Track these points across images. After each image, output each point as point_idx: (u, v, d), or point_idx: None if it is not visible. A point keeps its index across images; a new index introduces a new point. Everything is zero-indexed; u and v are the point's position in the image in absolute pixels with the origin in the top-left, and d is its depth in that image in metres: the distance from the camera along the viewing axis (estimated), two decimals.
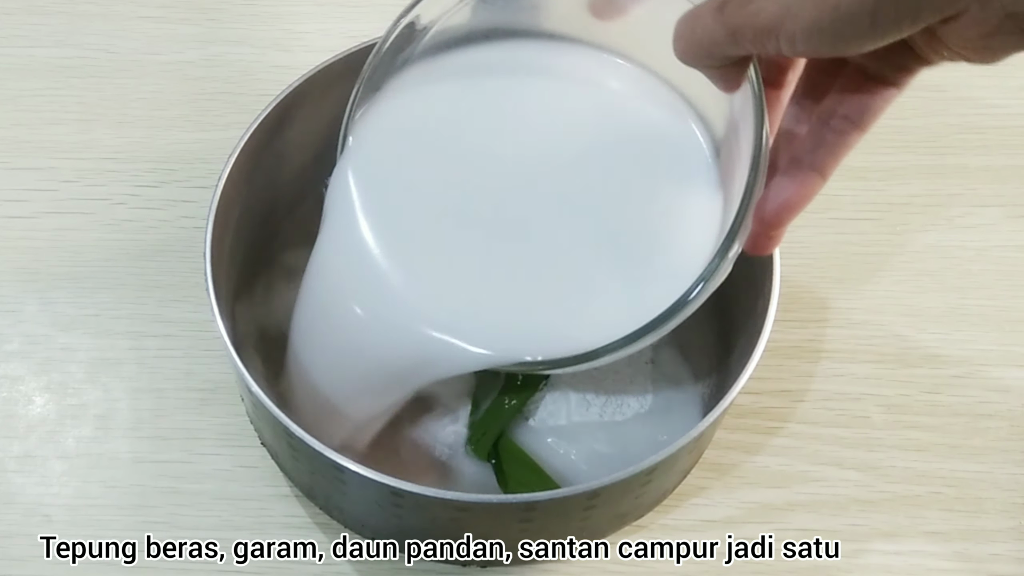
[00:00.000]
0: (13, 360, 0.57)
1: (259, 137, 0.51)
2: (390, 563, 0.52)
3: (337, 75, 0.53)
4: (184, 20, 0.68)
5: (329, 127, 0.56)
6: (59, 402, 0.55)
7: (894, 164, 0.64)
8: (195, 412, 0.55)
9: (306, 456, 0.45)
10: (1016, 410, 0.56)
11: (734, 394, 0.46)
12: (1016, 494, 0.54)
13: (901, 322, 0.59)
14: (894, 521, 0.53)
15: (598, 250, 0.43)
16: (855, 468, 0.54)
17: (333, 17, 0.69)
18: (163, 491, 0.53)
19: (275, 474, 0.53)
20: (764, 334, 0.47)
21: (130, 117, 0.64)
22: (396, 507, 0.45)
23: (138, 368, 0.56)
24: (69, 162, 0.62)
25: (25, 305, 0.58)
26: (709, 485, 0.54)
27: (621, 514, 0.50)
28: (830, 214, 0.62)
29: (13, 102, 0.65)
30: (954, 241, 0.61)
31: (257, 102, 0.52)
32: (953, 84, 0.67)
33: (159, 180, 0.62)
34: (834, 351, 0.58)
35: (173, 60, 0.66)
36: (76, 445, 0.54)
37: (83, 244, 0.60)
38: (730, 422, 0.55)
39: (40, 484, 0.53)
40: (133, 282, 0.59)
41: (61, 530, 0.52)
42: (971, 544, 0.53)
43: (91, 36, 0.67)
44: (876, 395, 0.56)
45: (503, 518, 0.46)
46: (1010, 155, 0.64)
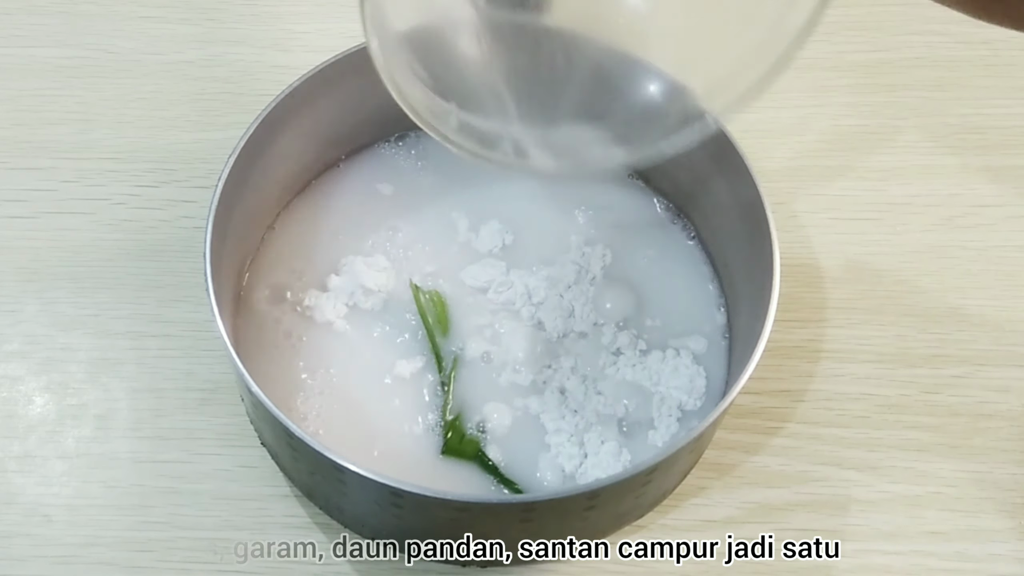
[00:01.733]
0: (13, 360, 0.57)
1: (259, 137, 0.51)
2: (390, 563, 0.52)
3: (337, 75, 0.54)
4: (184, 20, 0.68)
5: (329, 127, 0.56)
6: (59, 402, 0.55)
7: (894, 164, 0.64)
8: (195, 412, 0.55)
9: (306, 456, 0.45)
10: (1016, 410, 0.56)
11: (734, 394, 0.46)
12: (1016, 494, 0.54)
13: (901, 322, 0.59)
14: (894, 521, 0.53)
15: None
16: (855, 468, 0.54)
17: (333, 17, 0.69)
18: (163, 491, 0.53)
19: (275, 474, 0.53)
20: (764, 334, 0.47)
21: (130, 117, 0.64)
22: (396, 507, 0.45)
23: (138, 368, 0.56)
24: (69, 162, 0.62)
25: (25, 305, 0.58)
26: (709, 485, 0.54)
27: (621, 514, 0.50)
28: (830, 214, 0.62)
29: (13, 102, 0.65)
30: (954, 241, 0.61)
31: (257, 102, 0.52)
32: (953, 84, 0.67)
33: (159, 180, 0.62)
34: (834, 351, 0.58)
35: (173, 60, 0.67)
36: (76, 445, 0.54)
37: (83, 244, 0.60)
38: (730, 422, 0.55)
39: (40, 484, 0.53)
40: (133, 282, 0.59)
41: (61, 530, 0.52)
42: (971, 544, 0.53)
43: (91, 36, 0.67)
44: (876, 395, 0.56)
45: (503, 518, 0.46)
46: (1010, 155, 0.64)
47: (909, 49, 0.68)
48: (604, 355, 0.53)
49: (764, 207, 0.50)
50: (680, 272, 0.56)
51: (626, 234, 0.57)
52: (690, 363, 0.53)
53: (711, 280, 0.56)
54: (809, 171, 0.64)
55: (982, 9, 0.37)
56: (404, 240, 0.57)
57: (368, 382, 0.53)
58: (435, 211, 0.58)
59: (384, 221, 0.57)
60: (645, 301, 0.55)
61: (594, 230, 0.57)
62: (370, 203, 0.58)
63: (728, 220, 0.54)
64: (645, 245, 0.57)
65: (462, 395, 0.53)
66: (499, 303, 0.55)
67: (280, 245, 0.56)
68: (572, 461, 0.51)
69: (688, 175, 0.56)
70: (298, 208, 0.58)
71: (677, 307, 0.55)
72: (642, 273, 0.56)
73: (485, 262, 0.56)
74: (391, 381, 0.53)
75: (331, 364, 0.53)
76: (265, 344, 0.53)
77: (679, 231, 0.58)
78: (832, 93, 0.66)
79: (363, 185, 0.58)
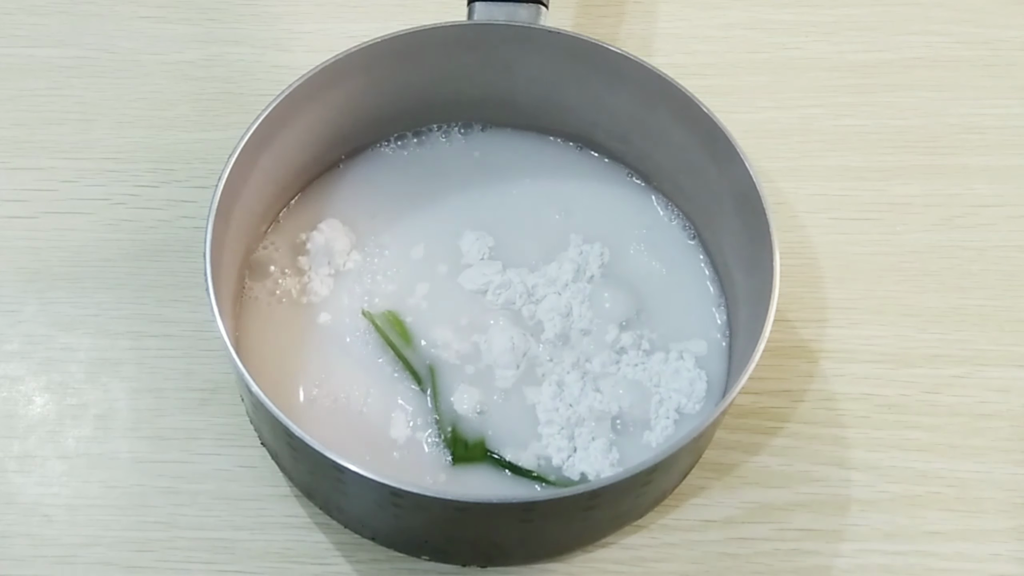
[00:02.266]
0: (13, 360, 0.57)
1: (259, 137, 0.51)
2: (390, 563, 0.52)
3: (337, 75, 0.54)
4: (184, 20, 0.68)
5: (329, 127, 0.56)
6: (59, 402, 0.55)
7: (894, 164, 0.64)
8: (195, 412, 0.55)
9: (306, 456, 0.45)
10: (1016, 410, 0.56)
11: (734, 394, 0.46)
12: (1016, 494, 0.54)
13: (901, 322, 0.59)
14: (894, 521, 0.53)
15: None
16: (855, 468, 0.54)
17: (333, 17, 0.69)
18: (163, 491, 0.53)
19: (275, 474, 0.53)
20: (764, 334, 0.47)
21: (130, 117, 0.64)
22: (396, 507, 0.45)
23: (138, 368, 0.56)
24: (69, 162, 0.62)
25: (25, 305, 0.58)
26: (709, 485, 0.54)
27: (621, 514, 0.50)
28: (830, 214, 0.62)
29: (13, 102, 0.65)
30: (954, 241, 0.61)
31: (257, 102, 0.52)
32: (953, 84, 0.67)
33: (159, 180, 0.62)
34: (834, 351, 0.58)
35: (173, 60, 0.66)
36: (76, 445, 0.54)
37: (83, 244, 0.60)
38: (730, 422, 0.55)
39: (40, 484, 0.53)
40: (133, 282, 0.59)
41: (61, 530, 0.52)
42: (971, 544, 0.53)
43: (91, 36, 0.67)
44: (876, 395, 0.56)
45: (503, 518, 0.46)
46: (1010, 155, 0.64)
47: (909, 49, 0.68)
48: (607, 353, 0.53)
49: (764, 207, 0.50)
50: (680, 272, 0.56)
51: (626, 234, 0.57)
52: (692, 366, 0.53)
53: (711, 280, 0.56)
54: (809, 171, 0.63)
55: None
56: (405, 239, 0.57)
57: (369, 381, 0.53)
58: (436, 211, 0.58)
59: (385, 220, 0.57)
60: (645, 301, 0.55)
61: (593, 229, 0.57)
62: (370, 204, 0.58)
63: (728, 220, 0.54)
64: (645, 245, 0.57)
65: (461, 392, 0.52)
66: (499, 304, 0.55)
67: (280, 245, 0.56)
68: (561, 453, 0.51)
69: (688, 175, 0.56)
70: (298, 208, 0.58)
71: (677, 307, 0.55)
72: (642, 273, 0.56)
73: (482, 264, 0.56)
74: (392, 381, 0.53)
75: (331, 364, 0.53)
76: (265, 344, 0.53)
77: (679, 231, 0.58)
78: (832, 93, 0.66)
79: (363, 185, 0.58)
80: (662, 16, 0.69)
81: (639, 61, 0.54)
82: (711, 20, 0.69)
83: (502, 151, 0.60)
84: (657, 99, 0.54)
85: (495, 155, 0.60)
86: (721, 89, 0.66)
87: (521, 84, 0.58)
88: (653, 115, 0.55)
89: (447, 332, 0.54)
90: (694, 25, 0.69)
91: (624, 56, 0.54)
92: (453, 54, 0.56)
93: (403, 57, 0.55)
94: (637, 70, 0.54)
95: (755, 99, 0.66)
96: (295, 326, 0.54)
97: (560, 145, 0.60)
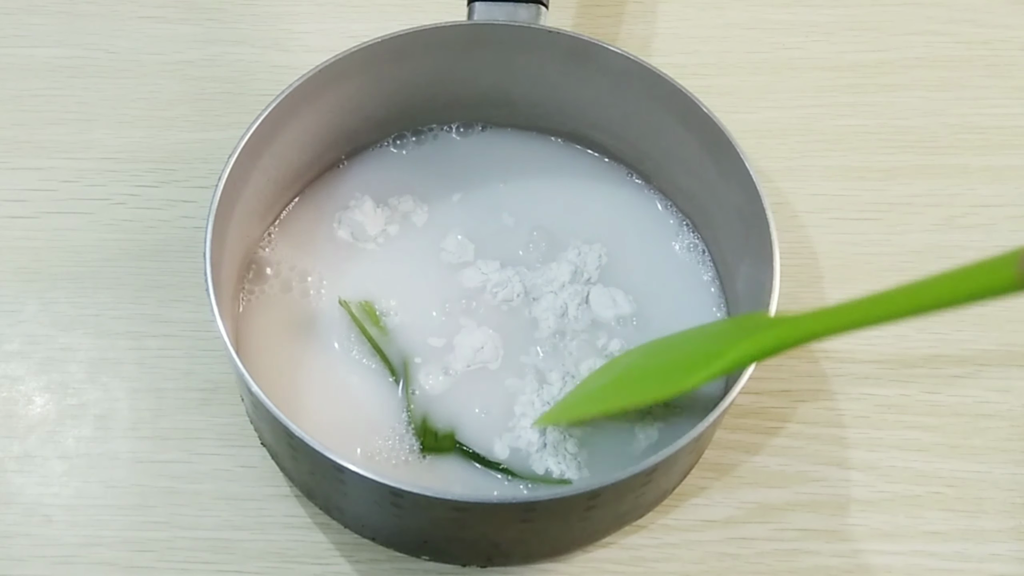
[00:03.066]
0: (13, 360, 0.57)
1: (259, 137, 0.51)
2: (390, 563, 0.52)
3: (337, 75, 0.54)
4: (184, 20, 0.68)
5: (329, 127, 0.56)
6: (59, 402, 0.55)
7: (894, 164, 0.64)
8: (195, 412, 0.55)
9: (306, 456, 0.45)
10: (1016, 410, 0.56)
11: (734, 394, 0.46)
12: (1016, 494, 0.54)
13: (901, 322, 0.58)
14: (894, 521, 0.53)
15: None
16: (855, 468, 0.55)
17: (333, 17, 0.69)
18: (163, 491, 0.53)
19: (275, 474, 0.53)
20: None
21: (130, 117, 0.64)
22: (396, 507, 0.45)
23: (138, 368, 0.56)
24: (69, 162, 0.62)
25: (25, 305, 0.58)
26: (709, 485, 0.54)
27: (621, 514, 0.50)
28: (830, 214, 0.62)
29: (13, 102, 0.65)
30: (954, 241, 0.61)
31: (257, 102, 0.52)
32: (953, 84, 0.67)
33: (159, 180, 0.62)
34: (834, 351, 0.58)
35: (173, 60, 0.67)
36: (76, 445, 0.54)
37: (83, 244, 0.60)
38: (730, 422, 0.55)
39: (40, 484, 0.53)
40: (133, 282, 0.59)
41: (61, 530, 0.52)
42: (971, 544, 0.53)
43: (91, 36, 0.67)
44: (876, 395, 0.56)
45: (503, 518, 0.46)
46: (1010, 155, 0.64)
47: (909, 49, 0.68)
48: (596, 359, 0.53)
49: (764, 207, 0.50)
50: (680, 272, 0.56)
51: (625, 234, 0.57)
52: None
53: (711, 280, 0.56)
54: (809, 171, 0.64)
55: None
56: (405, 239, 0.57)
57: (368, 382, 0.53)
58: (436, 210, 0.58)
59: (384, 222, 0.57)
60: (644, 301, 0.55)
61: (593, 229, 0.57)
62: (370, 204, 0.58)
63: (728, 220, 0.54)
64: (645, 245, 0.57)
65: (436, 384, 0.53)
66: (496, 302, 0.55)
67: (280, 245, 0.56)
68: (531, 447, 0.51)
69: (688, 175, 0.56)
70: (298, 208, 0.58)
71: (677, 307, 0.55)
72: (641, 273, 0.56)
73: (480, 262, 0.56)
74: (391, 381, 0.53)
75: (332, 364, 0.53)
76: (265, 344, 0.53)
77: (679, 231, 0.58)
78: (832, 93, 0.66)
79: (363, 186, 0.58)
80: (662, 16, 0.69)
81: (639, 61, 0.54)
82: (711, 20, 0.69)
83: (502, 151, 0.60)
84: (657, 99, 0.54)
85: (495, 155, 0.60)
86: (721, 89, 0.66)
87: (521, 84, 0.58)
88: (653, 115, 0.55)
89: (428, 325, 0.54)
90: (694, 25, 0.69)
91: (624, 56, 0.54)
92: (453, 54, 0.56)
93: (403, 57, 0.55)
94: (637, 70, 0.54)
95: (755, 99, 0.66)
96: (295, 326, 0.54)
97: (560, 145, 0.60)
